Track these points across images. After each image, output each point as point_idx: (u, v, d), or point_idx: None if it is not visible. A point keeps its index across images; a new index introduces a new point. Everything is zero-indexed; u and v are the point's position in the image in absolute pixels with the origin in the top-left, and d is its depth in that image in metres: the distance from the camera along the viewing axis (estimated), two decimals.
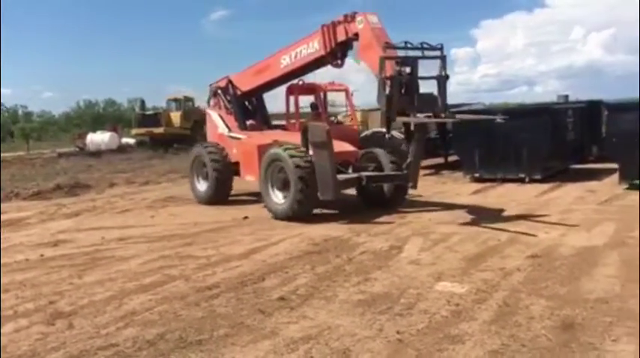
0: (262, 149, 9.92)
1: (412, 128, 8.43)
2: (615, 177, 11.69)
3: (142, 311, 5.02)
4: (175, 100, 31.72)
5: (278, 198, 9.39)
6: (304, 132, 9.25)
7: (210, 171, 11.03)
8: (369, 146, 10.44)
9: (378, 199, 9.88)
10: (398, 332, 4.34)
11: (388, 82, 8.01)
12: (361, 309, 4.91)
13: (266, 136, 10.72)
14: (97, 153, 27.20)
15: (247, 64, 11.75)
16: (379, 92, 8.08)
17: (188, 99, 31.84)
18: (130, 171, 18.79)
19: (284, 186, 9.24)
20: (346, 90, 11.64)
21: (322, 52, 9.69)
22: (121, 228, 9.06)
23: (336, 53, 9.67)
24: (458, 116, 9.29)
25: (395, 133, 14.33)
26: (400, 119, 8.15)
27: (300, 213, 8.92)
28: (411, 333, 4.32)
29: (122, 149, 29.42)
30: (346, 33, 9.29)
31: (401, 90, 8.09)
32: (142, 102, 33.35)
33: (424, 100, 8.28)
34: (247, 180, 10.89)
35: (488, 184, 12.58)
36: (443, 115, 8.45)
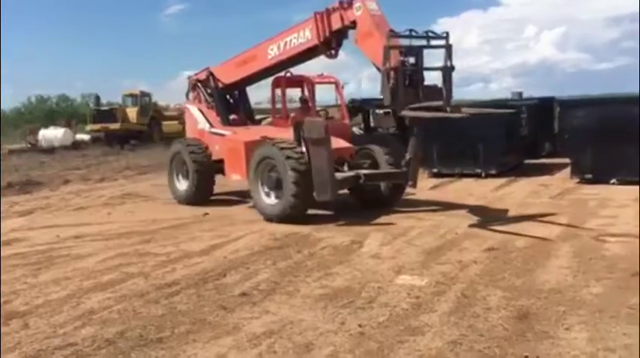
0: (250, 146, 9.41)
1: (407, 122, 8.01)
2: (567, 171, 12.07)
3: (100, 310, 4.93)
4: (131, 96, 31.14)
5: (269, 198, 8.82)
6: (297, 127, 8.76)
7: (191, 169, 10.41)
8: None
9: (374, 198, 9.41)
10: (360, 326, 4.38)
11: (392, 74, 7.45)
12: (323, 303, 4.94)
13: (253, 132, 10.02)
14: (50, 150, 26.48)
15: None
16: (383, 84, 7.55)
17: (145, 94, 31.34)
18: (85, 168, 18.38)
19: (276, 186, 8.64)
20: (336, 83, 10.96)
21: (315, 42, 9.01)
22: (77, 226, 8.85)
23: (331, 42, 9.01)
24: (464, 110, 8.57)
25: (355, 129, 14.31)
26: (406, 114, 7.66)
27: (295, 214, 8.36)
28: (372, 326, 4.38)
29: (76, 145, 28.71)
30: (342, 21, 8.64)
31: (405, 82, 7.58)
32: (97, 97, 32.62)
33: (429, 93, 7.74)
34: (233, 179, 10.28)
35: (446, 179, 12.81)
36: (448, 109, 7.88)
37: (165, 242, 7.54)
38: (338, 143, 9.15)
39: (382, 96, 7.72)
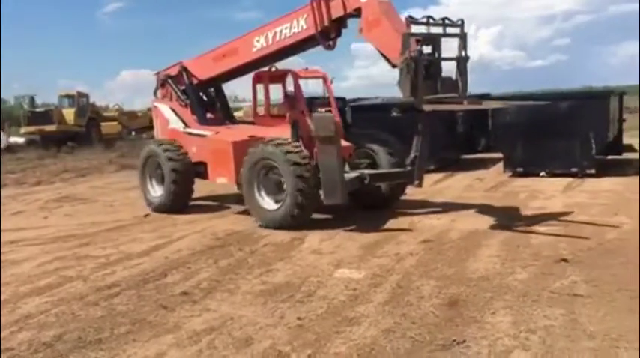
0: (239, 146, 8.67)
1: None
2: (500, 165, 12.58)
3: (37, 314, 4.88)
4: (68, 96, 30.17)
5: (268, 203, 8.12)
6: (295, 125, 8.35)
7: (168, 173, 9.39)
8: None
9: (374, 200, 8.81)
10: (298, 318, 4.52)
11: (412, 64, 6.81)
12: (263, 299, 5.05)
13: (239, 131, 9.41)
14: None
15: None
16: (402, 75, 6.91)
17: (82, 94, 30.42)
18: (20, 172, 17.73)
19: (277, 190, 8.04)
20: (324, 77, 10.06)
21: (312, 31, 8.26)
22: (13, 231, 8.61)
23: (330, 32, 8.28)
24: (485, 103, 8.28)
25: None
26: (429, 107, 7.04)
27: (299, 220, 7.72)
28: (310, 318, 4.52)
29: (10, 148, 27.61)
30: (344, 8, 7.91)
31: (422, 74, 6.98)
32: (32, 98, 31.41)
33: (447, 85, 7.26)
34: (218, 183, 9.56)
35: None
36: (466, 102, 7.62)
37: (104, 244, 7.46)
38: None
39: (400, 89, 7.03)
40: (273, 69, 9.62)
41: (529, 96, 13.67)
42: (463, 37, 7.34)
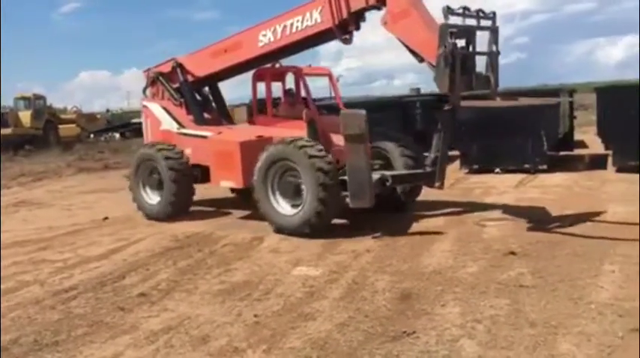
0: (246, 148, 8.18)
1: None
2: (457, 163, 12.88)
3: None
4: (24, 99, 29.49)
5: (284, 208, 7.60)
6: (311, 124, 7.96)
7: (168, 178, 8.78)
8: None
9: (390, 202, 8.16)
10: (255, 316, 4.62)
11: (450, 59, 6.44)
12: (221, 298, 5.13)
13: (245, 132, 8.84)
14: None
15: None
16: (439, 70, 6.54)
17: (38, 97, 29.78)
18: None
19: (294, 193, 7.52)
20: (329, 75, 9.48)
21: (329, 25, 7.75)
22: None
23: (348, 25, 7.77)
24: (521, 99, 7.92)
25: None
26: (468, 104, 6.87)
27: (320, 224, 7.21)
28: (267, 315, 4.62)
29: None
30: (366, 0, 7.50)
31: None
32: None
33: (480, 81, 6.94)
34: (222, 187, 9.14)
35: None
36: (499, 99, 7.31)
37: (62, 248, 7.40)
38: None
39: (436, 84, 6.70)
40: (277, 65, 9.12)
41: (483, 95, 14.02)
42: (495, 31, 7.02)
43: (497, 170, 11.83)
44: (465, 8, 6.68)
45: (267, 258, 6.42)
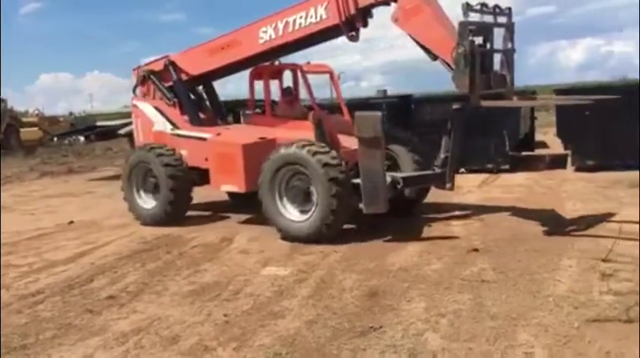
0: (249, 150, 7.85)
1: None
2: None
3: None
4: None
5: (292, 214, 7.26)
6: (319, 125, 7.67)
7: (165, 181, 8.35)
8: None
9: (397, 205, 7.39)
10: (225, 315, 4.68)
11: (469, 58, 6.20)
12: (191, 299, 5.17)
13: (245, 133, 8.41)
14: None
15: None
16: (458, 70, 6.28)
17: None
18: None
19: (302, 199, 7.19)
20: (330, 73, 9.06)
21: (335, 21, 7.45)
22: None
23: (355, 22, 7.47)
24: (541, 98, 7.69)
25: None
26: (486, 104, 6.59)
27: (332, 230, 6.92)
28: (237, 315, 4.69)
29: None
30: None
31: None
32: None
33: (497, 80, 6.73)
34: (223, 191, 8.74)
35: None
36: (515, 98, 7.15)
37: (27, 253, 7.31)
38: (354, 142, 7.66)
39: (455, 83, 6.41)
40: (277, 63, 8.82)
41: (443, 98, 14.31)
42: (511, 27, 6.82)
43: (462, 170, 12.07)
44: (483, 4, 6.50)
45: (237, 259, 6.47)
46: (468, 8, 6.34)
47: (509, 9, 6.75)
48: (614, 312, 4.23)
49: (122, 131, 16.26)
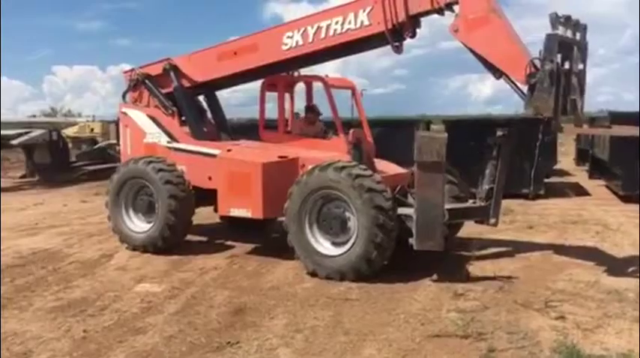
0: (269, 170, 6.89)
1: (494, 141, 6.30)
2: None
3: None
4: None
5: (325, 247, 6.30)
6: (357, 145, 6.92)
7: (165, 202, 7.21)
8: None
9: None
10: (84, 331, 4.65)
11: (554, 77, 5.60)
12: (54, 315, 5.08)
13: (261, 150, 7.44)
14: None
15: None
16: (542, 90, 5.60)
17: None
18: None
19: (336, 229, 6.26)
20: (352, 88, 8.11)
21: (380, 29, 6.62)
22: None
23: (404, 31, 6.68)
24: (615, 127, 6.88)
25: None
26: (582, 131, 5.98)
27: (371, 272, 5.97)
28: (97, 330, 4.67)
29: None
30: (432, 1, 6.37)
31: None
32: None
33: (572, 105, 6.01)
34: (233, 215, 7.28)
35: None
36: (586, 126, 6.49)
37: None
38: (390, 167, 7.25)
39: (534, 105, 5.72)
40: (296, 74, 7.94)
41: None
42: (584, 47, 6.12)
43: None
44: (568, 18, 5.84)
45: (112, 275, 6.41)
46: (556, 19, 5.72)
47: (585, 26, 6.10)
48: (454, 328, 4.59)
49: (15, 141, 15.61)
